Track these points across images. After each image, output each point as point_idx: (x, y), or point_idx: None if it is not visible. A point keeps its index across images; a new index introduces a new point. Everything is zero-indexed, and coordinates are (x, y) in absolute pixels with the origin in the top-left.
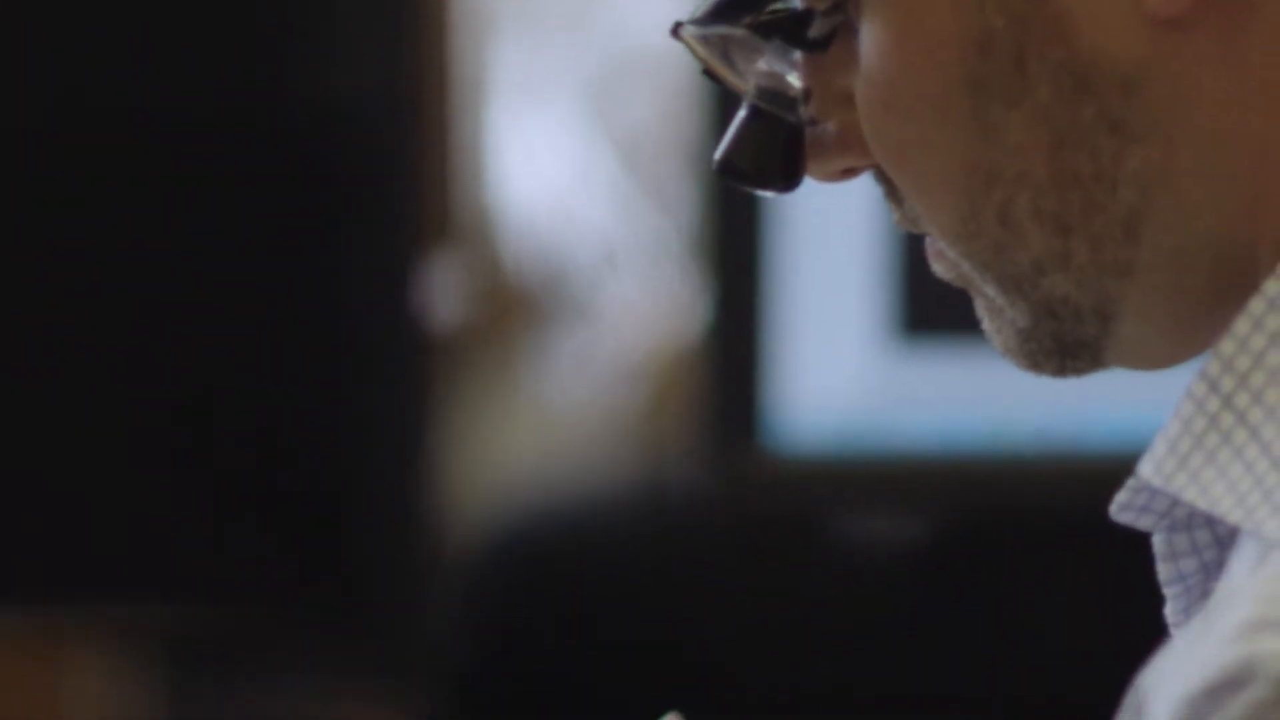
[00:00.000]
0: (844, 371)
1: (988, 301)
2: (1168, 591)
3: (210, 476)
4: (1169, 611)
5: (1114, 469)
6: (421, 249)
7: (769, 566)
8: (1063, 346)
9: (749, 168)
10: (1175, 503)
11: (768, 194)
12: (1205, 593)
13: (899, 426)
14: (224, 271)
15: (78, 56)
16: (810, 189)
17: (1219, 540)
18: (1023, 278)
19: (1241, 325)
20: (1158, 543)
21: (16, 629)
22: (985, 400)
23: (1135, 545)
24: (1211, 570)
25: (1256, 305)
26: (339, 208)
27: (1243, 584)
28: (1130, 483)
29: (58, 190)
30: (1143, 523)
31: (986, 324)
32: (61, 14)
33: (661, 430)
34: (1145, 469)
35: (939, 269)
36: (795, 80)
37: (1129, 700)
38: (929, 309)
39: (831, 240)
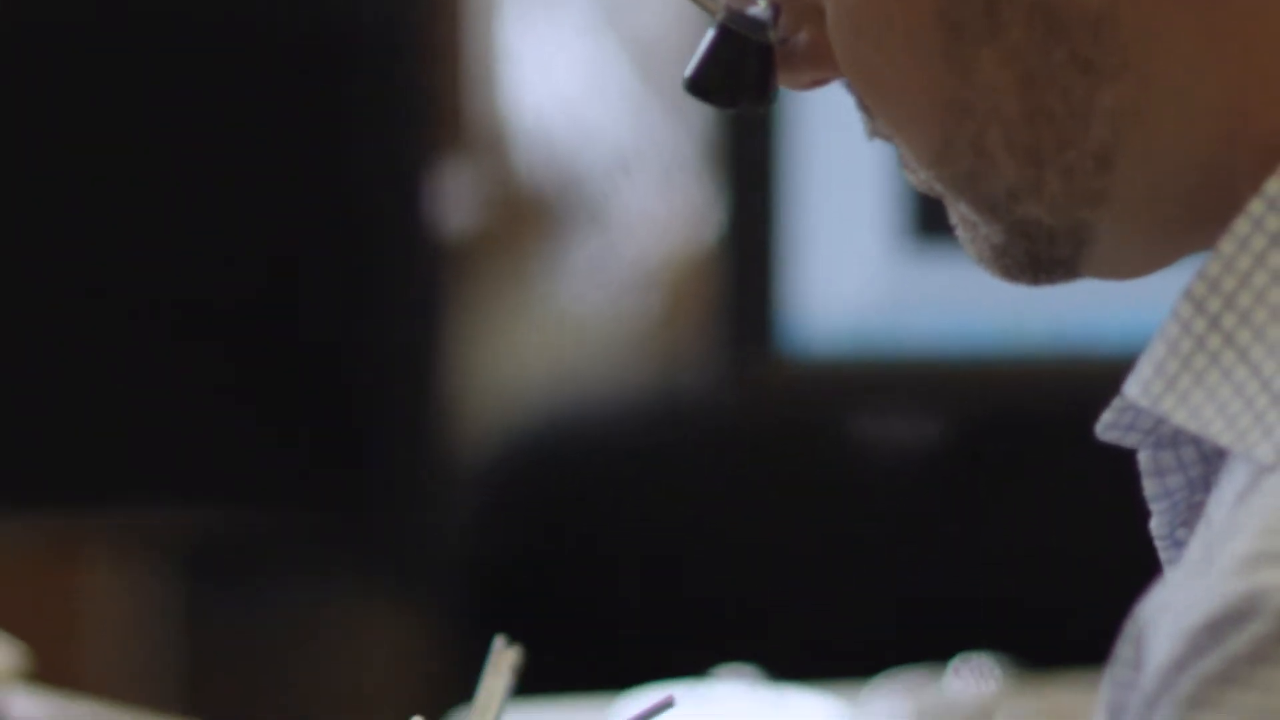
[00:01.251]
0: (857, 274)
1: (961, 216)
2: (1154, 507)
3: (227, 383)
4: (1154, 526)
5: (1126, 370)
6: (435, 156)
7: (784, 470)
8: (1036, 263)
9: (718, 88)
10: (1161, 420)
11: (737, 111)
12: (1191, 506)
13: (913, 329)
14: (241, 179)
15: None
16: (822, 92)
17: (1205, 457)
18: (996, 203)
19: (1226, 244)
20: (1143, 459)
21: (34, 537)
22: (999, 302)
23: None
24: (1197, 485)
25: (1241, 225)
26: (353, 115)
27: (1240, 514)
28: (1116, 403)
29: (70, 94)
30: (1128, 440)
31: (960, 234)
32: None
33: (676, 336)
34: (1131, 390)
35: (910, 180)
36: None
37: (1128, 630)
38: (942, 211)
39: (844, 143)
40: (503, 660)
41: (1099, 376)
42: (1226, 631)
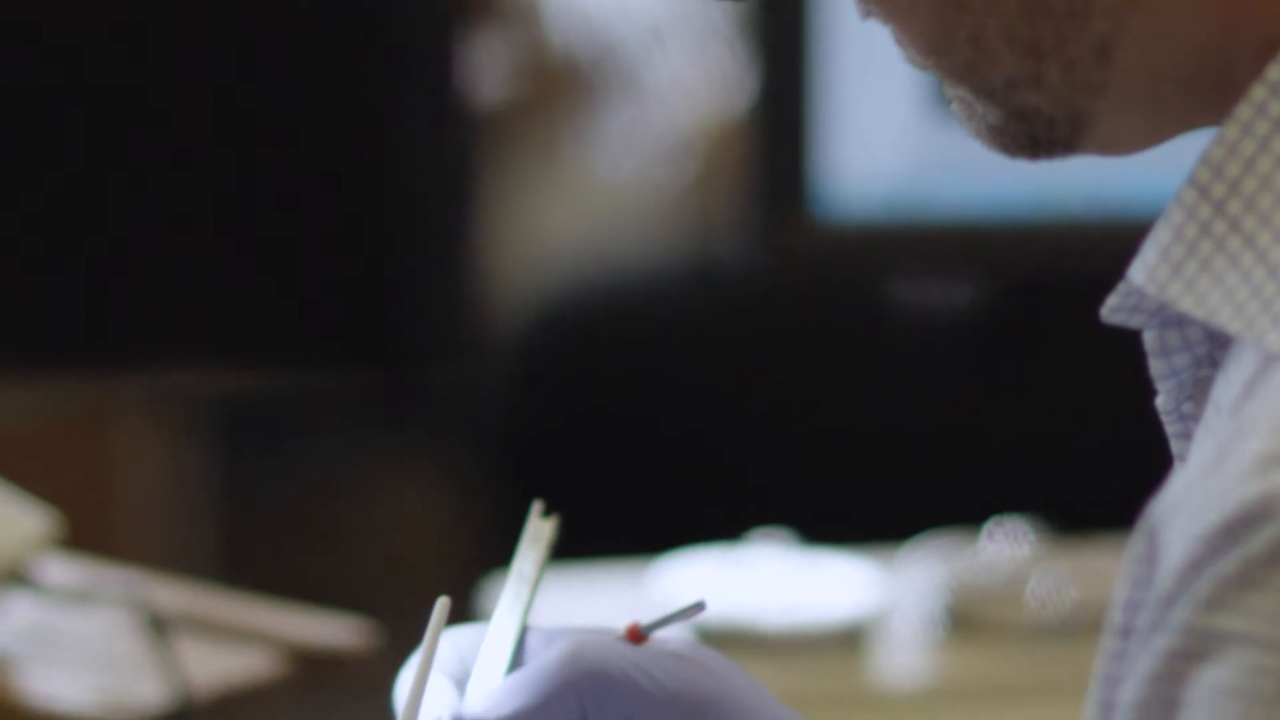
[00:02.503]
0: (891, 139)
1: (958, 97)
2: (1160, 386)
3: (260, 248)
4: (1160, 402)
5: None
6: (468, 24)
7: (818, 335)
8: (1035, 143)
9: None
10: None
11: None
12: (1198, 381)
13: (946, 193)
14: (274, 50)
15: None
16: None
17: (1211, 335)
18: (994, 90)
19: (1230, 130)
20: (1149, 339)
21: (66, 402)
22: (1031, 166)
23: None
24: (1203, 362)
25: (1243, 110)
26: None
27: (1250, 406)
28: (1121, 287)
29: None
30: (1134, 322)
31: (956, 110)
32: None
33: (709, 203)
34: (1137, 275)
35: (907, 57)
36: None
37: (1141, 526)
38: None
39: None
40: (540, 528)
41: (1132, 240)
42: (1242, 534)
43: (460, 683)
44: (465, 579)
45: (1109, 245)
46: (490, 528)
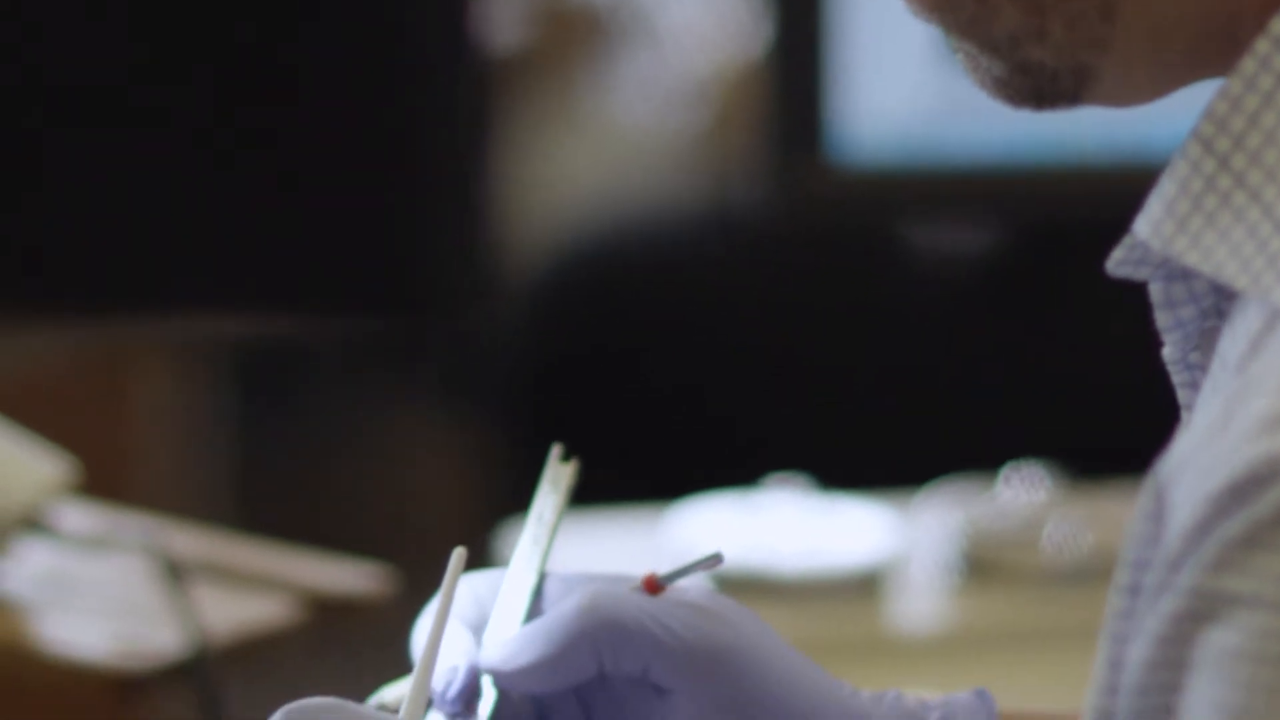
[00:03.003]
0: (906, 83)
1: (962, 50)
2: (1166, 338)
3: (278, 194)
4: (1167, 354)
5: None
6: None
7: (834, 279)
8: (1039, 95)
9: None
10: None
11: None
12: (1204, 332)
13: (961, 137)
14: None
15: None
16: None
17: (1216, 288)
18: (999, 46)
19: (1234, 84)
20: (1155, 291)
21: (82, 348)
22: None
23: None
24: (1209, 313)
25: (1248, 65)
26: None
27: (1256, 365)
28: (1126, 240)
29: None
30: (1139, 274)
31: (961, 61)
32: None
33: (725, 148)
34: (1142, 229)
35: (913, 11)
36: None
37: (1148, 484)
38: None
39: None
40: (560, 472)
41: (1146, 184)
42: (1249, 495)
43: (478, 629)
44: (481, 524)
45: (1123, 190)
46: (506, 473)
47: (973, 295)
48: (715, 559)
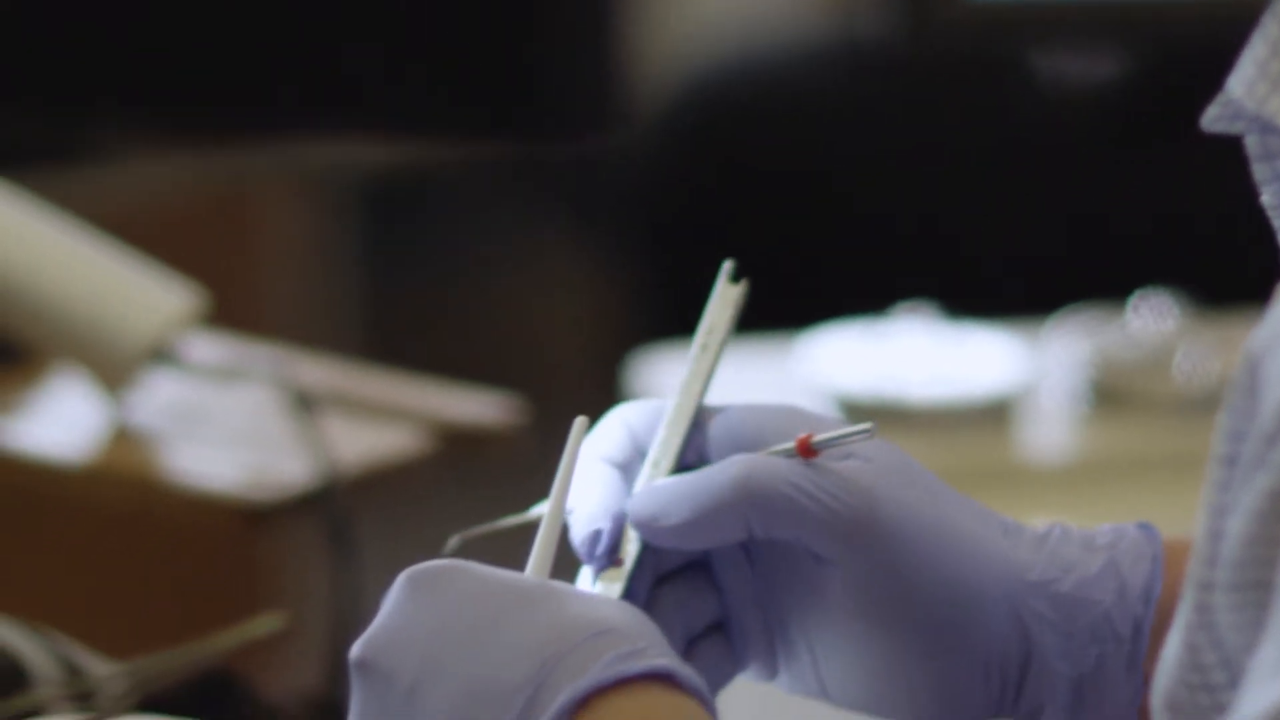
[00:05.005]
0: None
1: None
2: (1265, 189)
3: (407, 21)
4: (1266, 199)
5: None
6: None
7: (964, 109)
8: None
9: None
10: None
11: None
12: None
13: None
14: None
15: None
16: None
17: None
18: None
19: None
20: (1251, 143)
21: (211, 177)
22: None
23: None
24: None
25: None
26: None
27: None
28: (1220, 98)
29: None
30: (1235, 128)
31: None
32: None
33: None
34: (1236, 89)
35: None
36: None
37: (1243, 356)
38: None
39: None
40: (728, 292)
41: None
42: None
43: (630, 465)
44: (612, 353)
45: (1252, 19)
46: (636, 300)
47: (1102, 124)
48: (868, 431)
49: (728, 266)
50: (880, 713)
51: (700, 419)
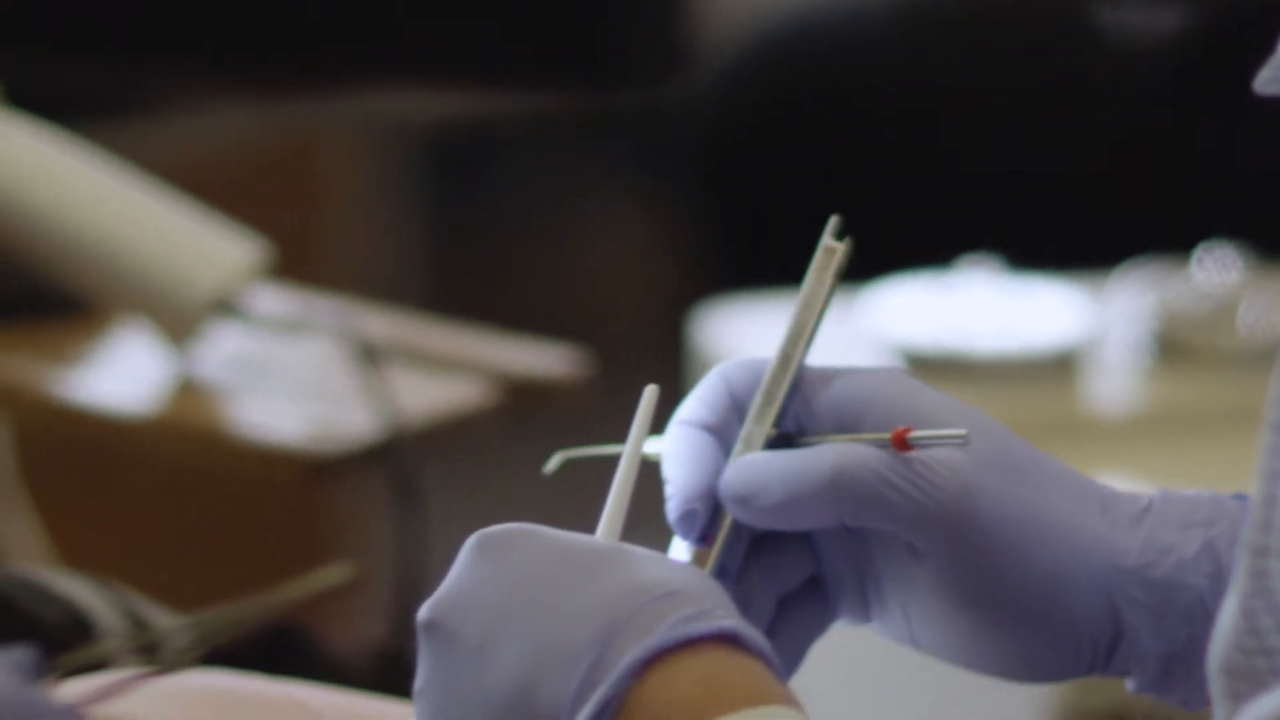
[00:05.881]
0: None
1: None
2: None
3: None
4: None
5: None
6: None
7: (1027, 61)
8: None
9: None
10: None
11: None
12: None
13: None
14: None
15: None
16: None
17: None
18: None
19: None
20: None
21: (276, 128)
22: None
23: None
24: None
25: None
26: None
27: None
28: (1273, 60)
29: None
30: None
31: None
32: None
33: None
34: None
35: None
36: None
37: None
38: None
39: None
40: (831, 250)
41: None
42: None
43: (724, 431)
44: (676, 306)
45: None
46: (700, 253)
47: (1167, 75)
48: (964, 438)
49: (833, 223)
50: (971, 667)
51: (800, 381)
